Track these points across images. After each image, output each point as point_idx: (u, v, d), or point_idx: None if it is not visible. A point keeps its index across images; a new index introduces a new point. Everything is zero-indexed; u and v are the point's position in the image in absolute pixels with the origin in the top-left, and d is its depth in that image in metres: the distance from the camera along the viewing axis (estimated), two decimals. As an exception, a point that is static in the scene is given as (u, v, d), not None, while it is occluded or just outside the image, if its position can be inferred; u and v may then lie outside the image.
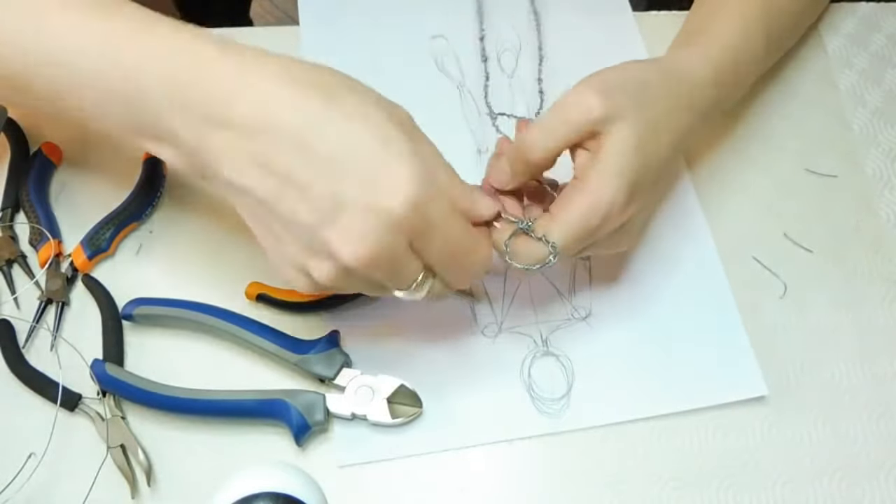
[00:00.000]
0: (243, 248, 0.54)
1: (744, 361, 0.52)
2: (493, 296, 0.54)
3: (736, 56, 0.52)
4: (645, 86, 0.45)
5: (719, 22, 0.53)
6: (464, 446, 0.49)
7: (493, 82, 0.61)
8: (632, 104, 0.43)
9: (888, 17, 0.67)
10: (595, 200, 0.42)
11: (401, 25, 0.63)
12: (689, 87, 0.48)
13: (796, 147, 0.60)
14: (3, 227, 0.53)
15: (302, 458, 0.48)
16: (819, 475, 0.50)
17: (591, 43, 0.63)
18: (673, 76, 0.47)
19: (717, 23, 0.53)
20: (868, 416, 0.52)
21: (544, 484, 0.49)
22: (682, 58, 0.50)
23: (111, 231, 0.53)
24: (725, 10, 0.53)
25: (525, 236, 0.44)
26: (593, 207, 0.42)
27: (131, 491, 0.47)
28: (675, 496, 0.49)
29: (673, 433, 0.50)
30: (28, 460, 0.47)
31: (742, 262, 0.56)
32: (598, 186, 0.42)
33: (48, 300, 0.52)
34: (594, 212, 0.42)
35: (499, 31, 0.63)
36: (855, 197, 0.59)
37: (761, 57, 0.55)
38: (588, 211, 0.42)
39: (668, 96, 0.46)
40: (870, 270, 0.56)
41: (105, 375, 0.48)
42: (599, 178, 0.42)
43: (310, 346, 0.50)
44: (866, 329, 0.54)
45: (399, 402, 0.49)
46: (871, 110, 0.63)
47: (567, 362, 0.52)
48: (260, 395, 0.48)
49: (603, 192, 0.42)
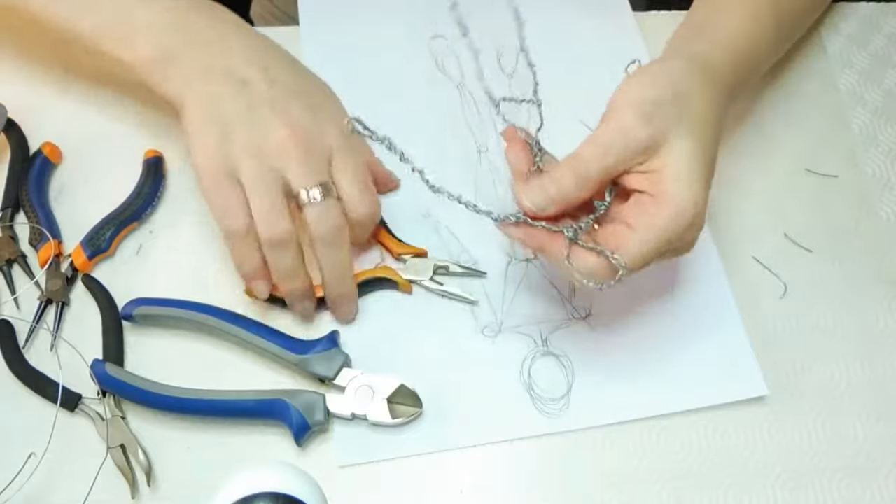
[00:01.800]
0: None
1: (744, 361, 0.52)
2: (493, 296, 0.54)
3: (748, 42, 0.52)
4: (680, 92, 0.45)
5: (729, 13, 0.52)
6: (464, 446, 0.49)
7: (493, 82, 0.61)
8: (675, 117, 0.44)
9: (888, 17, 0.67)
10: (679, 209, 0.43)
11: (401, 25, 0.63)
12: (714, 80, 0.48)
13: (796, 147, 0.60)
14: (3, 227, 0.53)
15: (302, 458, 0.48)
16: (819, 475, 0.50)
17: (592, 43, 0.63)
18: (696, 68, 0.47)
19: (727, 14, 0.52)
20: (868, 416, 0.52)
21: (544, 484, 0.49)
22: (697, 48, 0.50)
23: (111, 231, 0.53)
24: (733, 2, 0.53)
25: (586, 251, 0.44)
26: (678, 215, 0.43)
27: (131, 491, 0.47)
28: (675, 496, 0.49)
29: (673, 433, 0.50)
30: (28, 460, 0.47)
31: (742, 262, 0.56)
32: (679, 196, 0.43)
33: (48, 300, 0.52)
34: (680, 219, 0.43)
35: (496, 30, 0.63)
36: (855, 197, 0.59)
37: (772, 45, 0.55)
38: (673, 219, 0.43)
39: (703, 95, 0.46)
40: (870, 270, 0.56)
41: (105, 375, 0.48)
42: (677, 187, 0.43)
43: (310, 346, 0.50)
44: (866, 329, 0.54)
45: (399, 402, 0.49)
46: (871, 110, 0.63)
47: (567, 362, 0.52)
48: (260, 395, 0.48)
49: (685, 199, 0.43)
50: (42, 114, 0.58)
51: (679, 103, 0.44)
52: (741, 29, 0.52)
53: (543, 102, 0.47)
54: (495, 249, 0.55)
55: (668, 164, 0.43)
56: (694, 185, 0.43)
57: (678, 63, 0.47)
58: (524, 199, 0.44)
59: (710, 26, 0.52)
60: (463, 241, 0.55)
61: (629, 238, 0.43)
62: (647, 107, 0.44)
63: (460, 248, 0.55)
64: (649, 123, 0.43)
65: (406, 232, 0.55)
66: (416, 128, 0.58)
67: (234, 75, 0.49)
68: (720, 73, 0.48)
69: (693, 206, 0.43)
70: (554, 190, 0.44)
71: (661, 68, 0.47)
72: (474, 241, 0.55)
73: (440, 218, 0.56)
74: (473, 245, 0.55)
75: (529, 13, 0.47)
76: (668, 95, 0.44)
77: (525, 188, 0.44)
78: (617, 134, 0.43)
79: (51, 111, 0.58)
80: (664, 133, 0.43)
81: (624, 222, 0.44)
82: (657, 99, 0.44)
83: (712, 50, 0.49)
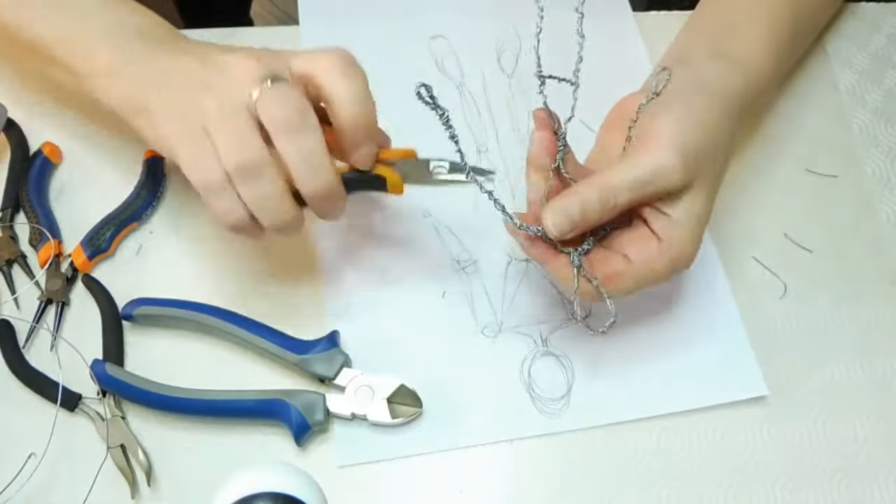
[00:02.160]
0: (243, 248, 0.54)
1: (744, 361, 0.52)
2: (493, 296, 0.54)
3: (769, 65, 0.52)
4: (718, 143, 0.46)
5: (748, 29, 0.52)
6: (464, 446, 0.49)
7: (493, 82, 0.61)
8: (706, 165, 0.45)
9: (888, 17, 0.67)
10: (680, 257, 0.45)
11: (401, 25, 0.63)
12: (737, 112, 0.48)
13: (796, 147, 0.60)
14: (3, 227, 0.53)
15: (302, 458, 0.48)
16: (819, 475, 0.50)
17: (592, 43, 0.63)
18: (729, 111, 0.47)
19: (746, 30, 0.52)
20: (868, 416, 0.52)
21: (544, 484, 0.49)
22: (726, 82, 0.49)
23: (111, 231, 0.53)
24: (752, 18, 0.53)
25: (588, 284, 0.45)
26: (677, 261, 0.45)
27: (131, 491, 0.47)
28: (675, 496, 0.49)
29: (673, 433, 0.50)
30: (28, 460, 0.47)
31: (742, 262, 0.56)
32: (683, 244, 0.45)
33: (48, 300, 0.52)
34: (677, 264, 0.45)
35: (500, 29, 0.63)
36: (855, 197, 0.59)
37: (787, 59, 0.56)
38: (671, 264, 0.45)
39: (728, 137, 0.47)
40: (870, 270, 0.56)
41: (105, 375, 0.48)
42: (685, 236, 0.45)
43: (310, 346, 0.50)
44: (866, 329, 0.54)
45: (399, 402, 0.49)
46: (871, 110, 0.63)
47: (567, 362, 0.52)
48: (260, 395, 0.48)
49: (687, 250, 0.45)
50: (42, 114, 0.58)
51: (712, 152, 0.45)
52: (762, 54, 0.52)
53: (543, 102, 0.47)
54: (495, 249, 0.55)
55: (685, 213, 0.44)
56: (698, 234, 0.45)
57: (715, 110, 0.47)
58: (547, 220, 0.43)
59: (734, 53, 0.51)
60: (463, 241, 0.55)
61: (625, 271, 0.45)
62: (691, 153, 0.44)
63: (460, 248, 0.55)
64: (689, 172, 0.44)
65: (406, 232, 0.55)
66: (416, 128, 0.58)
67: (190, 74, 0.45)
68: (741, 103, 0.49)
69: (691, 255, 0.45)
70: (578, 216, 0.43)
71: (699, 111, 0.46)
72: (474, 241, 0.55)
73: (440, 218, 0.56)
74: (474, 245, 0.55)
75: (530, 13, 0.47)
76: (709, 146, 0.45)
77: (549, 209, 0.44)
78: (654, 172, 0.43)
79: (51, 111, 0.58)
80: (697, 178, 0.44)
81: (621, 252, 0.45)
82: (700, 147, 0.44)
83: (737, 81, 0.49)
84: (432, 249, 0.55)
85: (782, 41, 0.54)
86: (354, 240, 0.55)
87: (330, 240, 0.55)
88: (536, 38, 0.47)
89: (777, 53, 0.53)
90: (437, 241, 0.55)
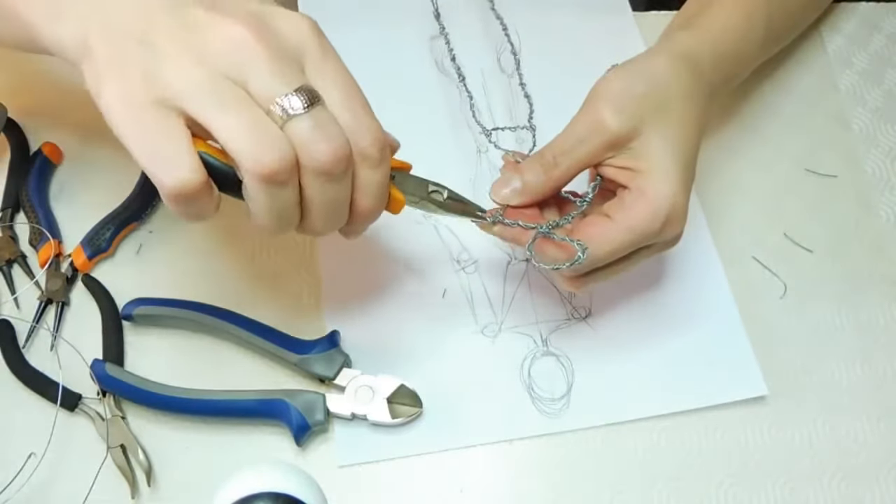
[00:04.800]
0: (243, 248, 0.54)
1: (744, 361, 0.52)
2: (493, 296, 0.54)
3: (736, 40, 0.51)
4: (658, 86, 0.44)
5: (719, 9, 0.52)
6: (464, 446, 0.49)
7: (493, 81, 0.61)
8: (649, 108, 0.43)
9: (888, 17, 0.67)
10: (655, 206, 0.42)
11: (401, 25, 0.63)
12: (696, 76, 0.47)
13: (796, 147, 0.60)
14: (3, 227, 0.53)
15: (302, 458, 0.48)
16: (819, 475, 0.50)
17: (591, 43, 0.63)
18: (680, 64, 0.46)
19: (718, 10, 0.52)
20: (868, 416, 0.52)
21: (544, 484, 0.49)
22: (683, 42, 0.49)
23: (111, 231, 0.53)
24: None
25: (550, 241, 0.44)
26: (655, 211, 0.42)
27: (131, 491, 0.47)
28: (674, 496, 0.49)
29: (673, 433, 0.50)
30: (28, 460, 0.47)
31: (742, 262, 0.56)
32: (654, 192, 0.42)
33: (48, 300, 0.52)
34: (656, 215, 0.42)
35: (495, 32, 0.63)
36: (855, 197, 0.59)
37: (761, 45, 0.55)
38: (649, 215, 0.42)
39: (683, 90, 0.45)
40: (870, 270, 0.56)
41: (105, 375, 0.48)
42: (653, 183, 0.42)
43: (310, 346, 0.50)
44: (866, 329, 0.54)
45: (399, 402, 0.49)
46: (871, 110, 0.62)
47: (567, 362, 0.52)
48: (260, 395, 0.48)
49: (661, 196, 0.42)
50: (42, 114, 0.58)
51: (655, 97, 0.44)
52: (730, 26, 0.51)
53: (543, 102, 0.47)
54: (495, 249, 0.55)
55: (645, 159, 0.43)
56: (671, 181, 0.43)
57: (661, 58, 0.46)
58: (492, 192, 0.45)
59: (700, 22, 0.51)
60: (463, 241, 0.55)
61: (606, 228, 0.43)
62: (621, 99, 0.43)
63: (460, 248, 0.55)
64: (621, 115, 0.43)
65: (406, 232, 0.55)
66: (416, 128, 0.58)
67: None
68: (703, 69, 0.48)
69: (669, 203, 0.42)
70: (519, 182, 0.44)
71: (642, 62, 0.46)
72: (474, 240, 0.55)
73: (440, 218, 0.56)
74: (473, 245, 0.55)
75: (529, 13, 0.47)
76: (644, 89, 0.44)
77: (495, 182, 0.45)
78: (588, 126, 0.43)
79: (51, 111, 0.58)
80: (637, 127, 0.43)
81: (604, 213, 0.44)
82: (632, 91, 0.43)
83: (698, 45, 0.48)
84: (432, 249, 0.55)
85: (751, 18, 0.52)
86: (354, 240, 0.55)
87: (330, 240, 0.54)
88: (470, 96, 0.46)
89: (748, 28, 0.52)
90: (437, 241, 0.55)
